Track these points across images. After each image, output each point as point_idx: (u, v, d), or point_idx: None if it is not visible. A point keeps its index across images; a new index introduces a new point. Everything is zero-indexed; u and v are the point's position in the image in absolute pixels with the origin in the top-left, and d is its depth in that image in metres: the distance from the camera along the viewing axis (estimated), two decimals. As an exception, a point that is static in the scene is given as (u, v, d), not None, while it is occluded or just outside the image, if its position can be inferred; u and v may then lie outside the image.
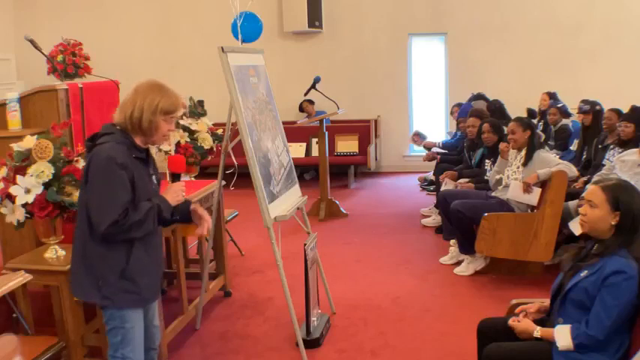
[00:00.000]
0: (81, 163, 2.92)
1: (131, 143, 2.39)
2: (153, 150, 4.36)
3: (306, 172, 8.83)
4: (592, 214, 2.37)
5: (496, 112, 6.38)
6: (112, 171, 2.27)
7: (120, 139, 2.37)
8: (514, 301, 2.78)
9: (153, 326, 2.67)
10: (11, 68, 9.38)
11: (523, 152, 4.60)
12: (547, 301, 2.58)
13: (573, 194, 4.64)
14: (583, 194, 3.45)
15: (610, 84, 8.11)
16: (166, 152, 4.31)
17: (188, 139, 4.45)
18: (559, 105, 6.63)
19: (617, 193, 2.34)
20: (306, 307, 3.60)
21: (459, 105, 7.45)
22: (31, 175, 2.79)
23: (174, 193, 2.49)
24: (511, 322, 2.54)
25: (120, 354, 2.46)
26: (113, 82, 4.18)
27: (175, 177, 2.62)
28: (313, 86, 6.51)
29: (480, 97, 7.26)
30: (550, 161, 4.50)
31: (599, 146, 5.34)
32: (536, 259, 4.43)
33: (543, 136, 6.64)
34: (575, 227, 4.18)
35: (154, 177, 2.52)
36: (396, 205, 7.08)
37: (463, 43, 8.77)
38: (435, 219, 6.09)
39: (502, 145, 4.82)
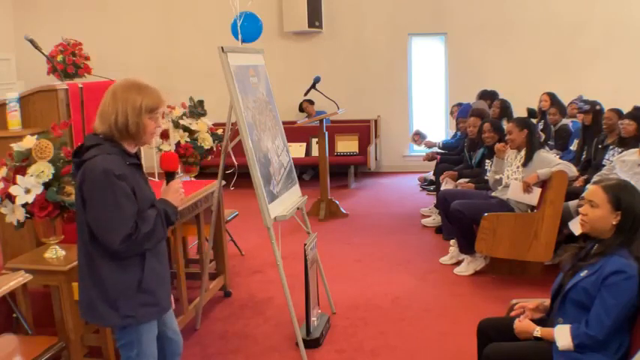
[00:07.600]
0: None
1: (122, 151, 2.23)
2: (153, 151, 4.38)
3: (304, 172, 8.83)
4: (593, 213, 2.37)
5: (507, 111, 6.48)
6: (112, 184, 2.12)
7: (110, 149, 2.20)
8: (514, 301, 2.77)
9: (175, 333, 2.59)
10: (11, 68, 9.37)
11: (523, 152, 4.60)
12: (547, 301, 2.58)
13: (573, 194, 4.63)
14: (583, 194, 3.45)
15: (610, 84, 8.11)
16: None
17: (188, 139, 4.46)
18: (578, 103, 6.50)
19: (619, 193, 2.34)
20: (306, 307, 3.60)
21: (458, 105, 7.45)
22: (31, 175, 2.79)
23: (175, 193, 2.34)
24: (515, 323, 2.54)
25: None
26: (113, 82, 4.18)
27: (170, 176, 2.39)
28: (313, 86, 6.50)
29: (489, 93, 7.23)
30: (550, 161, 4.50)
31: (599, 146, 5.34)
32: (536, 259, 4.43)
33: (543, 136, 6.63)
34: (575, 227, 4.18)
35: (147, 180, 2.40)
36: (396, 205, 7.08)
37: (463, 43, 8.76)
38: (435, 219, 6.09)
39: (498, 145, 4.82)
